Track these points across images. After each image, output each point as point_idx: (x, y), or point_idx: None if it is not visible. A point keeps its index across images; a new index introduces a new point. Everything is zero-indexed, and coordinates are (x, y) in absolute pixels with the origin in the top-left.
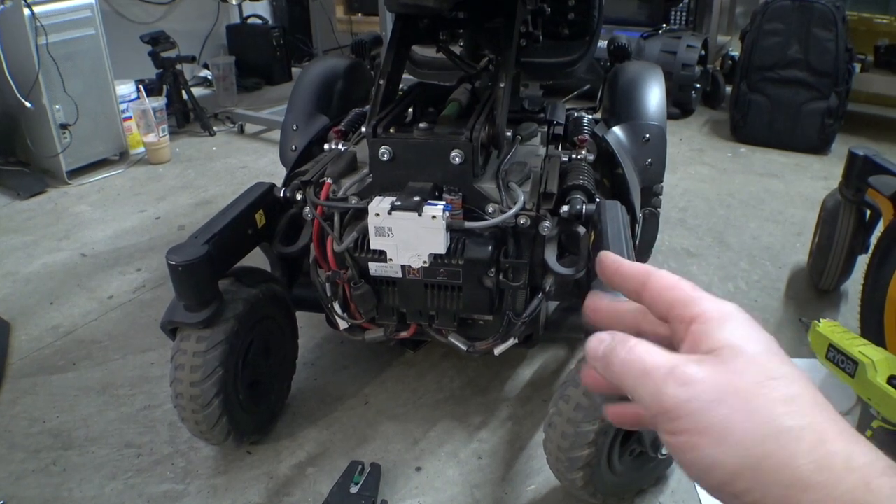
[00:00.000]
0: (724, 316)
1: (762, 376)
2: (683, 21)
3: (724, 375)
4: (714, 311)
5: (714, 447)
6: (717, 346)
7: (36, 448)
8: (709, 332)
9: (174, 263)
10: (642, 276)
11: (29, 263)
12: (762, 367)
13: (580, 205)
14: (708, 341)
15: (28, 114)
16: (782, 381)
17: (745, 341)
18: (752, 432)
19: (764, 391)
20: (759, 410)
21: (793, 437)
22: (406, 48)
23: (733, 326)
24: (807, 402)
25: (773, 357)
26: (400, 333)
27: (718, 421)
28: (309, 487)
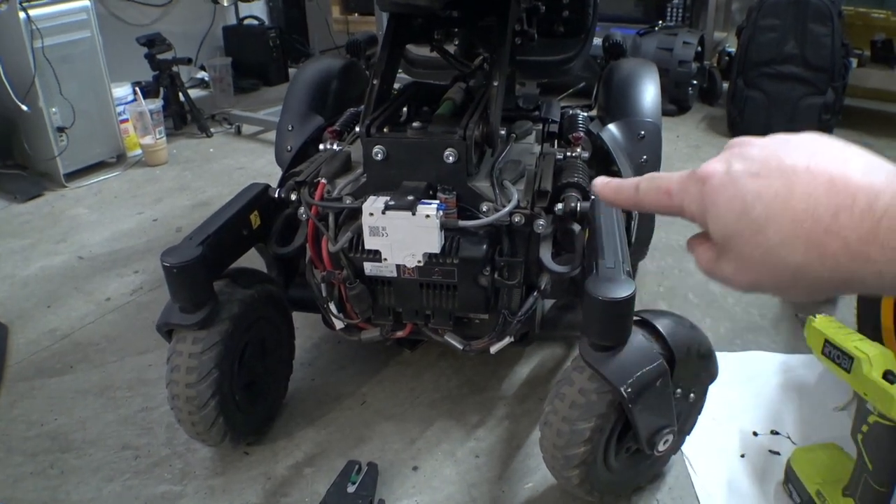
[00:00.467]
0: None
1: (753, 240)
2: (679, 18)
3: (740, 265)
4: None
5: None
6: (718, 242)
7: (34, 451)
8: None
9: (169, 265)
10: (634, 182)
11: (26, 267)
12: (747, 232)
13: (575, 202)
14: (713, 233)
15: (25, 117)
16: (766, 228)
17: (723, 223)
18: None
19: (766, 257)
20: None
21: None
22: (400, 47)
23: (710, 211)
24: None
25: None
26: (396, 333)
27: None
28: (306, 487)
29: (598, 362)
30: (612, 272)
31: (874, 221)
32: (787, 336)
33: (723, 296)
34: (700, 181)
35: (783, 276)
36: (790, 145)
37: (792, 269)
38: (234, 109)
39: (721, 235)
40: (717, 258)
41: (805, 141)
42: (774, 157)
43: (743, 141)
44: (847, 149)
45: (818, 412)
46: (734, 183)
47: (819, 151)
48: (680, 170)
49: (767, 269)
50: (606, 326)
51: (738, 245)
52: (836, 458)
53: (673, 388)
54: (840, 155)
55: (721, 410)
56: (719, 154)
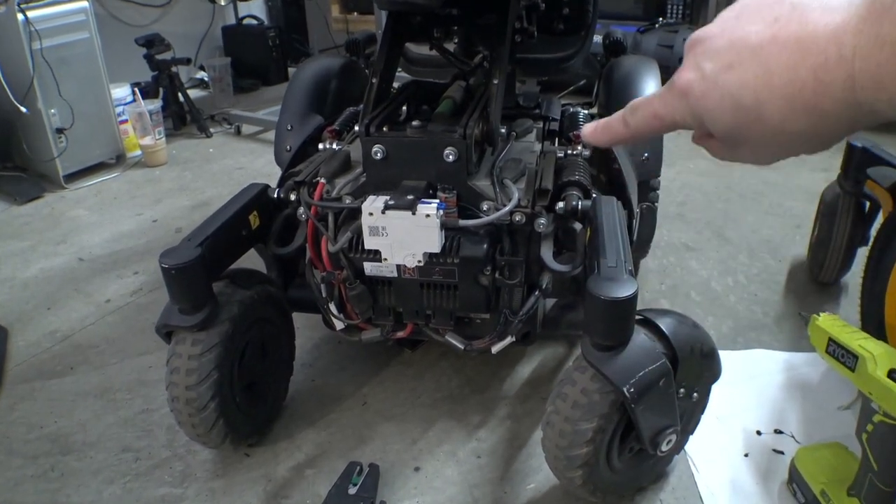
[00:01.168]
0: None
1: None
2: (680, 14)
3: None
4: None
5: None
6: (721, 136)
7: (34, 453)
8: None
9: (167, 267)
10: (619, 117)
11: (26, 269)
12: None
13: (576, 201)
14: None
15: (24, 119)
16: None
17: (723, 123)
18: None
19: None
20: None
21: None
22: (399, 46)
23: None
24: None
25: None
26: (397, 333)
27: None
28: (307, 489)
29: (600, 362)
30: (614, 271)
31: (847, 68)
32: (790, 334)
33: (725, 294)
34: (682, 94)
35: (795, 143)
36: (745, 19)
37: (800, 136)
38: (234, 109)
39: (725, 133)
40: (730, 149)
41: (756, 7)
42: (740, 41)
43: (701, 36)
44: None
45: (822, 411)
46: (715, 84)
47: (777, 15)
48: (681, 168)
49: (780, 144)
50: (608, 326)
51: (745, 134)
52: (840, 457)
53: (676, 388)
54: (796, 10)
55: (724, 410)
56: (685, 60)
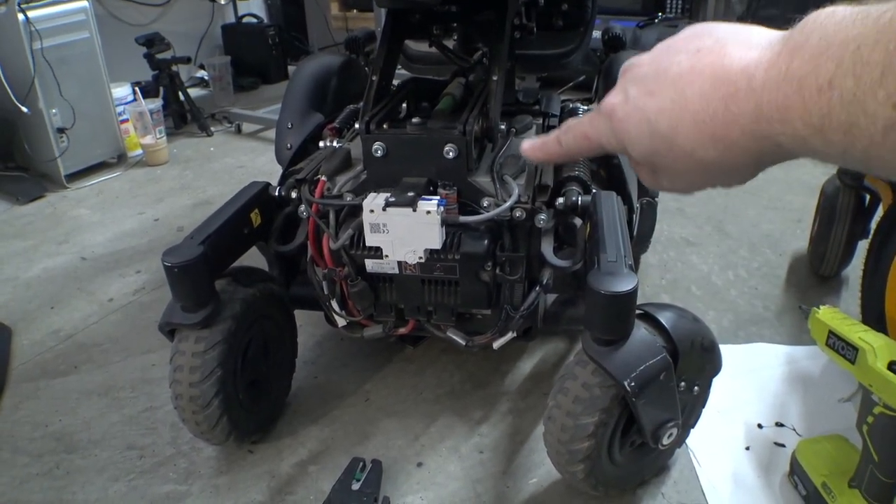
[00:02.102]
0: None
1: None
2: (679, 9)
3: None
4: None
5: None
6: (639, 159)
7: (39, 452)
8: None
9: (170, 265)
10: (555, 136)
11: (29, 268)
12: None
13: (576, 196)
14: None
15: (25, 119)
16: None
17: (641, 146)
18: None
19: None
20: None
21: None
22: (399, 43)
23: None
24: None
25: None
26: (398, 329)
27: None
28: (311, 485)
29: (601, 356)
30: (615, 266)
31: (756, 100)
32: (790, 327)
33: (726, 288)
34: (607, 117)
35: (710, 173)
36: (673, 50)
37: (712, 164)
38: (234, 108)
39: (643, 157)
40: (651, 174)
41: (686, 39)
42: (662, 70)
43: (632, 63)
44: (726, 33)
45: (823, 404)
46: (636, 108)
47: (700, 47)
48: None
49: (694, 172)
50: (609, 320)
51: (662, 160)
52: (841, 449)
53: (677, 382)
54: (718, 44)
55: (725, 403)
56: (616, 85)
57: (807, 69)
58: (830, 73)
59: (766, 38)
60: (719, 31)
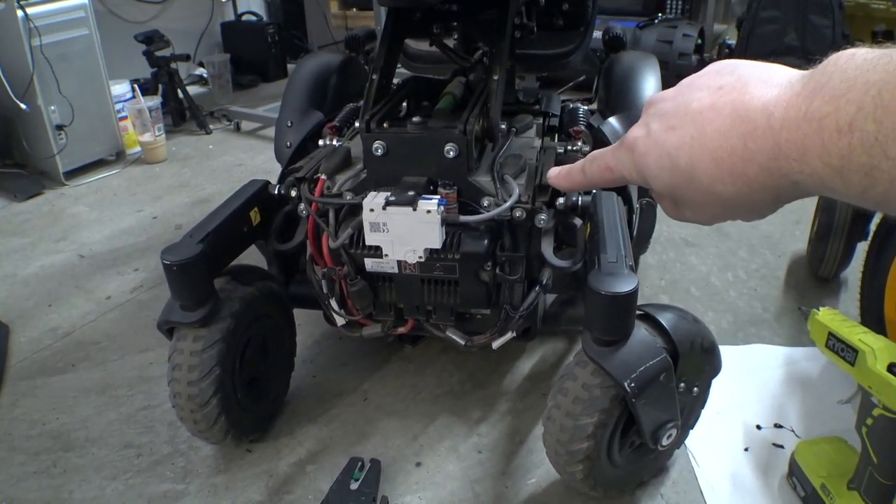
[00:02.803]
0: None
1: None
2: (679, 10)
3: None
4: None
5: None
6: (660, 193)
7: (36, 450)
8: None
9: (169, 263)
10: (580, 166)
11: (27, 265)
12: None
13: (576, 196)
14: None
15: (23, 116)
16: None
17: (661, 181)
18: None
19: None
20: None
21: None
22: (399, 42)
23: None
24: None
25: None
26: (398, 329)
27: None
28: (309, 485)
29: (601, 357)
30: (615, 266)
31: (775, 138)
32: (789, 329)
33: (725, 289)
34: (629, 150)
35: (729, 207)
36: (695, 87)
37: (731, 199)
38: (233, 106)
39: (664, 191)
40: (674, 207)
41: (709, 76)
42: (683, 106)
43: (656, 98)
44: (748, 70)
45: (822, 405)
46: (656, 143)
47: (722, 85)
48: None
49: (714, 205)
50: (609, 321)
51: (682, 194)
52: (840, 451)
53: (676, 383)
54: (739, 82)
55: (724, 404)
56: (640, 119)
57: (827, 110)
58: (851, 116)
59: (787, 76)
60: (742, 68)
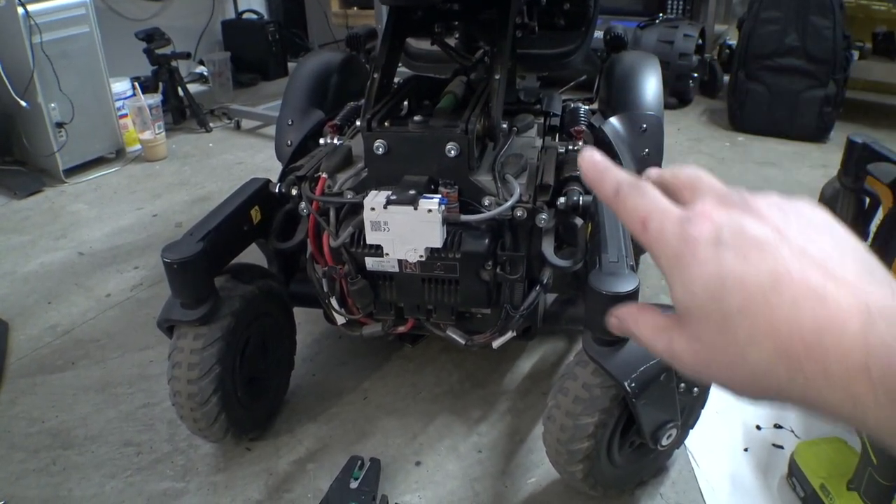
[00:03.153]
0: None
1: (719, 327)
2: (680, 10)
3: (693, 347)
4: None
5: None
6: (678, 309)
7: (35, 448)
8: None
9: (170, 261)
10: (615, 183)
11: (26, 263)
12: (716, 318)
13: (577, 196)
14: (673, 296)
15: (24, 113)
16: (738, 321)
17: (691, 296)
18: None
19: (728, 349)
20: (737, 372)
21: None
22: (400, 41)
23: (680, 277)
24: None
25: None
26: (398, 328)
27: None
28: (309, 483)
29: (601, 357)
30: (616, 266)
31: (864, 356)
32: None
33: None
34: (682, 238)
35: (740, 374)
36: (793, 230)
37: (753, 370)
38: (233, 104)
39: (684, 308)
40: (668, 329)
41: (810, 226)
42: (772, 244)
43: (749, 204)
44: (846, 244)
45: None
46: (719, 261)
47: (819, 249)
48: (678, 160)
49: (726, 362)
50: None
51: (700, 327)
52: (840, 451)
53: (676, 383)
54: (838, 254)
55: (724, 404)
56: (718, 203)
57: None
58: None
59: (886, 277)
60: (840, 237)
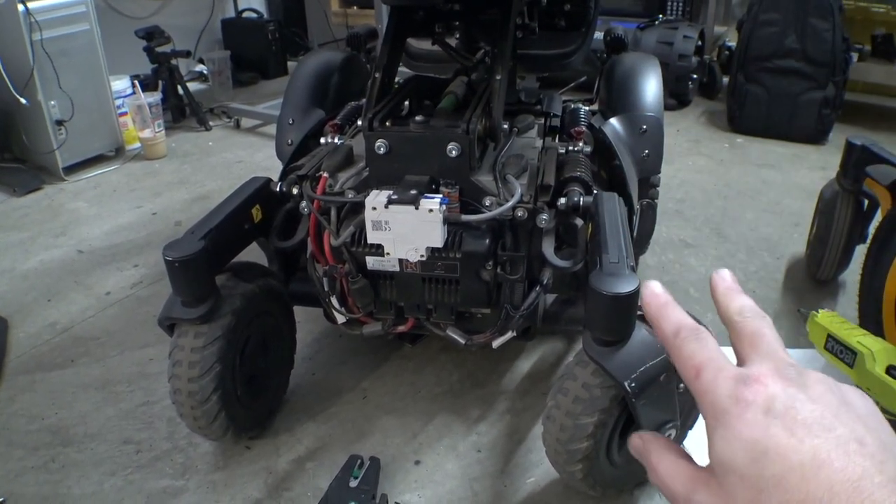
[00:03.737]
0: (719, 416)
1: (752, 492)
2: (680, 11)
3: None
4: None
5: None
6: (713, 462)
7: (34, 445)
8: (711, 435)
9: (171, 259)
10: (677, 326)
11: (26, 260)
12: (751, 482)
13: (577, 197)
14: (711, 448)
15: (23, 110)
16: (772, 490)
17: (732, 454)
18: None
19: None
20: None
21: None
22: (401, 41)
23: (724, 433)
24: None
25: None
26: (398, 327)
27: None
28: (308, 482)
29: (601, 357)
30: (616, 267)
31: None
32: (788, 331)
33: None
34: (734, 397)
35: None
36: (844, 420)
37: None
38: (233, 103)
39: (720, 463)
40: (694, 479)
41: (860, 419)
42: (822, 428)
43: (805, 382)
44: (891, 441)
45: None
46: (767, 428)
47: (866, 443)
48: (681, 165)
49: None
50: (610, 321)
51: (734, 487)
52: None
53: (676, 383)
54: (882, 452)
55: None
56: (775, 373)
57: None
58: None
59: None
60: (891, 458)
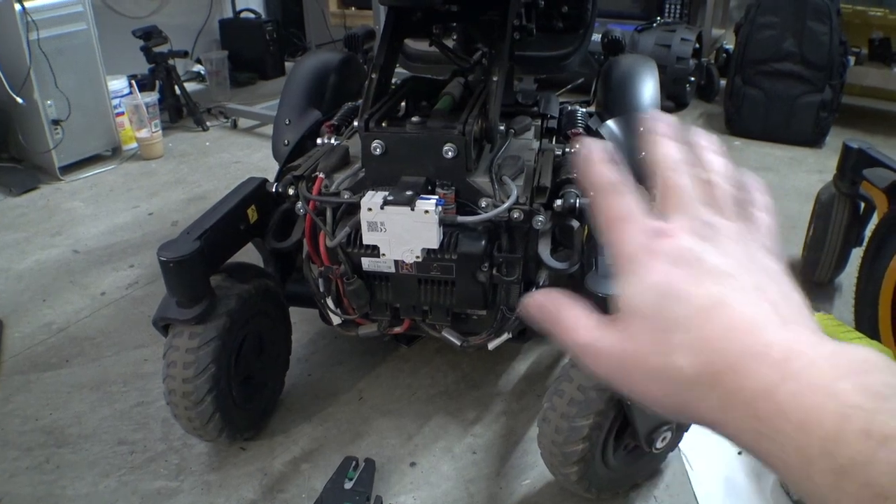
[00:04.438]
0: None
1: (655, 333)
2: (677, 14)
3: (624, 344)
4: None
5: None
6: (620, 308)
7: (29, 446)
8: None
9: (166, 259)
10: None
11: (21, 260)
12: (654, 323)
13: (574, 198)
14: (620, 297)
15: (20, 110)
16: (674, 330)
17: (638, 298)
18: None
19: (658, 351)
20: (658, 377)
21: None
22: (399, 42)
23: (632, 279)
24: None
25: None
26: (393, 328)
27: (630, 384)
28: (303, 483)
29: None
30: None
31: (775, 384)
32: None
33: None
34: (645, 247)
35: (660, 381)
36: (749, 268)
37: (674, 379)
38: (231, 103)
39: (629, 307)
40: (603, 325)
41: (766, 271)
42: (726, 273)
43: (720, 237)
44: (790, 294)
45: None
46: (673, 274)
47: (766, 292)
48: None
49: (649, 367)
50: None
51: (638, 327)
52: None
53: None
54: (782, 300)
55: None
56: (691, 231)
57: None
58: None
59: (811, 324)
60: (786, 306)
